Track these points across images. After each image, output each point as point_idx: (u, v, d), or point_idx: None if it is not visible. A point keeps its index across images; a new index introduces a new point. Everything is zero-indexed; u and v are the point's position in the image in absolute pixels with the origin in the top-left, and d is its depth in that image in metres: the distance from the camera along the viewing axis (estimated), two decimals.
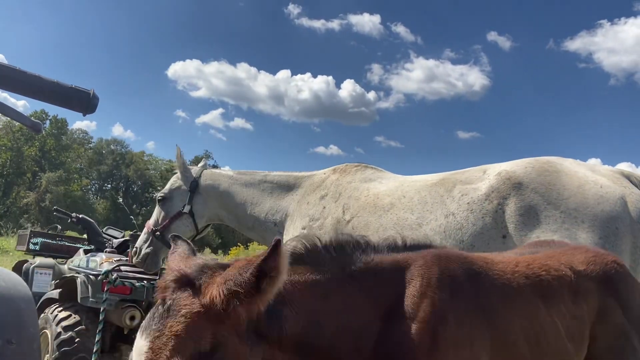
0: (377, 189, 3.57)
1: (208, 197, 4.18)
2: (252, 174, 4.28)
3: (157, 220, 4.15)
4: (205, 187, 4.19)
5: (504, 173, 3.00)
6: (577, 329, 1.90)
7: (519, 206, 2.83)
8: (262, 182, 4.17)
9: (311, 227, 3.64)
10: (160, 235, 4.04)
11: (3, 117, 33.82)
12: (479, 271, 1.78)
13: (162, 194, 4.20)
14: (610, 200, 2.70)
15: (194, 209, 4.10)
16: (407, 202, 3.28)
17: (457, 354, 1.57)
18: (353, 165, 4.00)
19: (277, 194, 4.09)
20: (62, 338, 3.99)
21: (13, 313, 1.27)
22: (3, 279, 1.32)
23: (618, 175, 2.93)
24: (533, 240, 2.58)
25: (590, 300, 1.96)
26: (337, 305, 1.53)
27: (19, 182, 54.29)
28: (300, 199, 3.95)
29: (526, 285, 1.83)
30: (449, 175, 3.36)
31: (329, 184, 3.86)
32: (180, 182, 4.22)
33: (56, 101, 1.76)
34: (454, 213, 3.03)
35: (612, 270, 2.05)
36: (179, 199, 4.15)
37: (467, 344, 1.60)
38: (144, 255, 4.07)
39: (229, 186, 4.20)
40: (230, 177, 4.27)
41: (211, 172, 4.33)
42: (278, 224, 3.99)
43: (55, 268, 5.27)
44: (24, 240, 5.74)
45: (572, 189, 2.77)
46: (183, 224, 4.08)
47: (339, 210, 3.59)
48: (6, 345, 1.22)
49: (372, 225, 3.33)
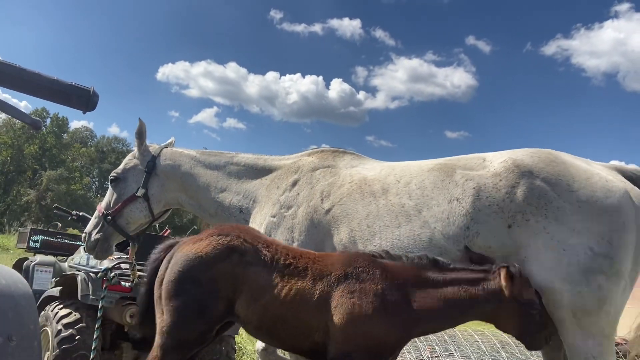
0: (362, 174, 3.25)
1: (167, 179, 3.74)
2: (218, 155, 3.83)
3: (109, 203, 3.74)
4: (164, 167, 3.74)
5: (510, 161, 2.84)
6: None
7: (527, 195, 2.71)
8: (229, 164, 3.73)
9: (283, 215, 3.29)
10: (112, 220, 3.68)
11: (3, 114, 33.77)
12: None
13: (114, 174, 3.78)
14: (617, 193, 2.67)
15: (150, 193, 3.69)
16: (403, 187, 3.02)
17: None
18: (331, 149, 3.61)
19: (245, 177, 3.65)
20: (63, 335, 3.99)
21: (13, 310, 1.27)
22: (3, 276, 1.32)
23: (612, 169, 2.91)
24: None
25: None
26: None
27: (20, 179, 54.26)
28: (270, 183, 3.53)
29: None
30: (443, 161, 3.11)
31: (304, 169, 3.45)
32: (137, 161, 3.78)
33: (56, 99, 1.75)
34: (458, 199, 2.83)
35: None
36: (133, 180, 3.73)
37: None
38: (93, 242, 3.74)
39: (191, 167, 3.74)
40: (193, 157, 3.80)
41: (172, 151, 3.86)
42: (244, 210, 3.58)
43: (55, 266, 5.27)
44: (25, 237, 5.74)
45: (581, 180, 2.70)
46: (137, 208, 3.69)
47: (315, 197, 3.23)
48: (7, 343, 1.22)
49: (358, 214, 3.05)
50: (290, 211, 3.28)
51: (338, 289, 2.47)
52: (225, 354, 4.67)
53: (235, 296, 2.54)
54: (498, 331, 7.92)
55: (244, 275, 2.54)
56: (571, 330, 2.64)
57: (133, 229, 3.78)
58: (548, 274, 2.63)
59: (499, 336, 7.31)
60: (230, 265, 2.54)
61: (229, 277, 2.53)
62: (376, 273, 2.49)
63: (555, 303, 2.65)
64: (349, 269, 2.51)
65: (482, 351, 7.12)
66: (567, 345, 2.70)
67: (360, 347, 2.38)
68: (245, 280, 2.53)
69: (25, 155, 54.23)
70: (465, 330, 7.65)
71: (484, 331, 7.36)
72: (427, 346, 7.29)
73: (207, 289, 2.52)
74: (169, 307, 2.54)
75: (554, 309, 2.67)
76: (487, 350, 7.10)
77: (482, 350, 7.14)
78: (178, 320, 2.51)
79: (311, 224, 3.18)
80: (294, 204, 3.30)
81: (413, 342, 7.37)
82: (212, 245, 2.59)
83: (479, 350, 7.18)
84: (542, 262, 2.65)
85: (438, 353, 7.22)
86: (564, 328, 2.67)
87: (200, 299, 2.52)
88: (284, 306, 2.46)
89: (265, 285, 2.51)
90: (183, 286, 2.53)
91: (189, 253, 2.59)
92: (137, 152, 3.85)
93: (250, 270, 2.55)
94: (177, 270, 2.56)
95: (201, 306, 2.52)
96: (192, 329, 2.53)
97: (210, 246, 2.59)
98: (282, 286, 2.49)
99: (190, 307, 2.51)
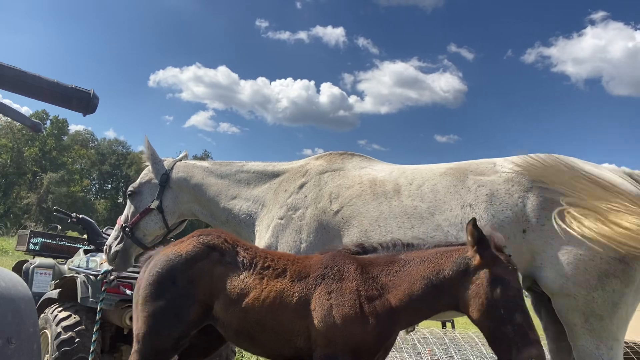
0: (372, 176, 3.25)
1: (180, 191, 3.87)
2: (229, 165, 3.93)
3: (128, 216, 3.90)
4: (177, 180, 3.88)
5: (521, 166, 2.85)
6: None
7: (541, 200, 2.73)
8: (239, 172, 3.82)
9: (290, 217, 3.31)
10: (130, 232, 3.81)
11: (3, 117, 33.76)
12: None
13: (131, 188, 3.94)
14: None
15: (164, 205, 3.82)
16: (416, 190, 3.02)
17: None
18: (339, 152, 3.64)
19: (254, 184, 3.73)
20: (62, 338, 3.99)
21: (13, 313, 1.27)
22: (3, 279, 1.31)
23: (621, 173, 2.90)
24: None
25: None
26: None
27: (20, 182, 54.27)
28: (278, 187, 3.58)
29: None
30: (455, 165, 3.12)
31: (312, 172, 3.48)
32: (151, 175, 3.94)
33: (56, 101, 1.75)
34: (471, 205, 2.85)
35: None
36: (148, 193, 3.88)
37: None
38: (113, 254, 3.84)
39: (203, 178, 3.86)
40: (205, 168, 3.93)
41: (184, 164, 3.99)
42: (253, 215, 3.62)
43: (55, 268, 5.27)
44: (24, 240, 5.74)
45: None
46: (152, 220, 3.82)
47: (324, 199, 3.24)
48: (6, 345, 1.21)
49: (369, 214, 3.05)
50: (298, 213, 3.29)
51: (316, 291, 2.40)
52: (225, 357, 4.67)
53: (214, 298, 2.49)
54: None
55: (223, 275, 2.50)
56: (582, 334, 2.63)
57: (150, 240, 3.86)
58: (564, 279, 2.62)
59: None
60: (210, 264, 2.51)
61: (208, 276, 2.50)
62: (350, 270, 2.41)
63: (569, 307, 2.64)
64: (326, 270, 2.45)
65: (482, 354, 7.11)
66: (576, 349, 2.68)
67: (344, 348, 2.30)
68: (224, 281, 2.49)
69: (26, 157, 54.25)
70: (466, 333, 7.65)
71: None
72: (427, 349, 7.28)
73: (184, 291, 2.47)
74: (144, 313, 2.49)
75: (566, 313, 2.66)
76: (487, 354, 7.08)
77: (482, 353, 7.13)
78: (155, 326, 2.46)
79: (320, 225, 3.17)
80: (301, 205, 3.31)
81: (413, 345, 7.37)
82: (192, 244, 2.58)
83: (479, 353, 7.16)
84: (558, 268, 2.64)
85: (438, 356, 7.21)
86: (575, 332, 2.66)
87: (177, 303, 2.47)
88: (263, 309, 2.40)
89: (244, 287, 2.45)
90: (160, 289, 2.49)
91: (169, 253, 2.58)
92: (150, 166, 3.99)
93: (229, 270, 2.51)
94: (155, 271, 2.53)
95: (177, 310, 2.47)
96: (169, 334, 2.46)
97: (191, 245, 2.58)
98: (262, 288, 2.43)
99: (166, 312, 2.46)
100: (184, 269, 2.50)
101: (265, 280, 2.46)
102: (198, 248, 2.56)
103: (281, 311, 2.39)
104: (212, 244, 2.58)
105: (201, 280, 2.50)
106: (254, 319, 2.42)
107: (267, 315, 2.40)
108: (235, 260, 2.55)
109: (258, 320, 2.41)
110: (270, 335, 2.43)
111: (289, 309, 2.39)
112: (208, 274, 2.51)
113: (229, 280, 2.50)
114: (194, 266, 2.51)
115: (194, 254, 2.54)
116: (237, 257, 2.56)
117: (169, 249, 2.63)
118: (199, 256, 2.53)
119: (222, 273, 2.51)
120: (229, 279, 2.50)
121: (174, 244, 2.67)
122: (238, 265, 2.53)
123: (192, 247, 2.57)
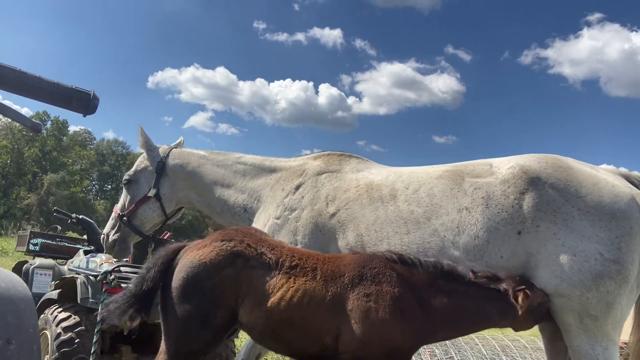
0: (369, 179, 3.22)
1: (176, 178, 3.84)
2: (226, 155, 3.92)
3: (124, 204, 3.87)
4: (173, 167, 3.84)
5: (518, 167, 2.83)
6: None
7: (537, 201, 2.71)
8: (236, 163, 3.80)
9: (286, 217, 3.28)
10: (127, 221, 3.79)
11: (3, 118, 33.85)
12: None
13: (127, 176, 3.91)
14: (624, 199, 2.66)
15: (161, 192, 3.80)
16: (412, 194, 3.00)
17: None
18: (337, 153, 3.60)
19: (250, 176, 3.70)
20: (62, 339, 3.98)
21: (13, 314, 1.27)
22: (3, 279, 1.32)
23: (618, 175, 2.90)
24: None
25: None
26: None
27: (20, 182, 54.27)
28: (275, 184, 3.55)
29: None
30: (451, 167, 3.10)
31: (309, 172, 3.45)
32: (147, 163, 3.90)
33: (56, 102, 1.75)
34: (467, 208, 2.82)
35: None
36: (145, 181, 3.85)
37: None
38: (111, 242, 3.83)
39: (199, 165, 3.83)
40: (201, 156, 3.90)
41: (180, 151, 3.97)
42: (248, 210, 3.61)
43: (55, 269, 5.27)
44: (24, 241, 5.74)
45: (588, 186, 2.70)
46: (150, 208, 3.81)
47: (320, 201, 3.22)
48: (6, 346, 1.21)
49: (365, 218, 3.03)
50: (294, 214, 3.27)
51: (353, 291, 2.39)
52: (225, 358, 4.66)
53: (239, 303, 2.49)
54: (499, 335, 7.88)
55: (248, 280, 2.48)
56: (577, 334, 2.64)
57: (148, 228, 3.86)
58: (558, 280, 2.62)
59: (499, 340, 7.30)
60: (235, 271, 2.50)
61: (234, 283, 2.49)
62: (393, 276, 2.42)
63: (564, 308, 2.64)
64: (364, 271, 2.44)
65: (482, 355, 7.11)
66: (572, 349, 2.69)
67: (375, 352, 2.31)
68: (250, 285, 2.48)
69: (26, 158, 54.25)
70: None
71: (484, 334, 7.35)
72: (427, 349, 7.28)
73: (211, 298, 2.47)
74: (173, 315, 2.50)
75: (561, 313, 2.67)
76: (487, 354, 7.08)
77: (482, 353, 7.13)
78: (182, 329, 2.47)
79: (315, 227, 3.16)
80: (297, 207, 3.29)
81: None
82: (215, 252, 2.54)
83: (479, 354, 7.16)
84: (553, 269, 2.64)
85: (438, 357, 7.20)
86: (570, 332, 2.67)
87: (204, 309, 2.47)
88: (290, 308, 2.39)
89: (270, 288, 2.45)
90: (187, 294, 2.49)
91: (193, 260, 2.55)
92: (145, 154, 3.95)
93: (255, 275, 2.49)
94: (181, 277, 2.52)
95: (204, 316, 2.47)
96: (196, 338, 2.47)
97: (214, 252, 2.54)
98: (289, 287, 2.42)
99: (194, 317, 2.47)
100: (208, 277, 2.49)
101: (292, 279, 2.46)
102: (222, 256, 2.53)
103: (311, 309, 2.39)
104: (235, 250, 2.55)
105: (226, 287, 2.49)
106: (281, 318, 2.41)
107: (295, 313, 2.40)
108: (261, 263, 2.54)
109: (285, 319, 2.41)
110: (298, 333, 2.43)
111: (320, 307, 2.39)
112: (233, 281, 2.50)
113: (254, 283, 2.49)
114: (219, 274, 2.50)
115: (218, 262, 2.52)
116: (262, 260, 2.55)
117: (193, 253, 2.60)
118: (224, 264, 2.51)
119: (247, 277, 2.50)
120: (255, 282, 2.49)
121: (197, 247, 2.63)
122: (264, 267, 2.52)
123: (216, 255, 2.54)
